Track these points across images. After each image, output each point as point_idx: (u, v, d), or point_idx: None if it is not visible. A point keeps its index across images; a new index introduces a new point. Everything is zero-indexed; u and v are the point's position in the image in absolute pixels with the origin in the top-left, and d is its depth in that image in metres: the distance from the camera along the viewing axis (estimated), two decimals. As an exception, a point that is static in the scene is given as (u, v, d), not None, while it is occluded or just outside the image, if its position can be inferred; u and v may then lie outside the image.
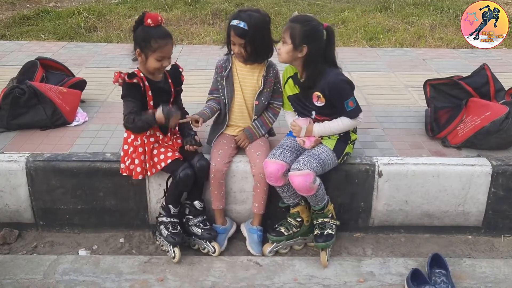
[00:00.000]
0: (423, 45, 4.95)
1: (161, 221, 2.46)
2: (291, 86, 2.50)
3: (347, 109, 2.37)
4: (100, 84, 3.56)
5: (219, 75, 2.58)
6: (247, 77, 2.56)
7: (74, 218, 2.66)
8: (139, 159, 2.41)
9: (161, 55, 2.28)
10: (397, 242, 2.69)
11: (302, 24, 2.28)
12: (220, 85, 2.58)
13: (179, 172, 2.35)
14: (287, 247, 2.57)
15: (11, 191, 2.57)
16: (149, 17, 2.24)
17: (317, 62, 2.33)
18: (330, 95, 2.36)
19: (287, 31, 2.29)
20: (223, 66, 2.57)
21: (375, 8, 6.20)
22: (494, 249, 2.66)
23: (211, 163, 2.48)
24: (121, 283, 2.30)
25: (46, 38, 5.05)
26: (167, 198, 2.46)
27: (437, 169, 2.56)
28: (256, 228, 2.56)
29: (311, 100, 2.42)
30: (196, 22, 5.69)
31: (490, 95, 2.96)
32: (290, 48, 2.30)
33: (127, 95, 2.33)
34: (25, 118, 2.87)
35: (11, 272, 2.34)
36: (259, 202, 2.53)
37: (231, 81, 2.55)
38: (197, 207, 2.49)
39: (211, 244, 2.48)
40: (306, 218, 2.51)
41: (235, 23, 2.37)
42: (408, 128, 3.02)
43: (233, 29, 2.39)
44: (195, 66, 4.15)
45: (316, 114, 2.46)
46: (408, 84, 3.74)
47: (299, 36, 2.27)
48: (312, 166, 2.32)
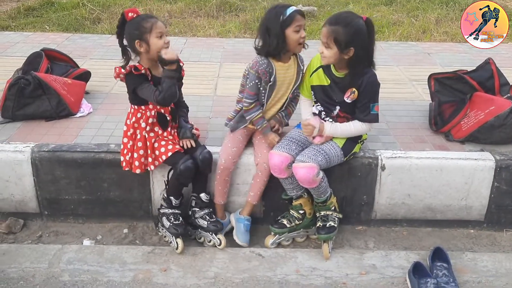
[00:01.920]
0: (428, 39, 4.92)
1: (163, 212, 2.47)
2: (320, 76, 2.42)
3: (371, 111, 2.36)
4: (104, 76, 3.57)
5: (263, 81, 2.43)
6: (286, 74, 2.48)
7: (78, 208, 2.68)
8: (138, 153, 2.41)
9: (158, 31, 2.28)
10: (399, 236, 2.70)
11: (344, 27, 2.19)
12: (263, 89, 2.46)
13: (179, 165, 2.34)
14: (289, 239, 2.58)
15: (16, 181, 2.59)
16: (129, 11, 2.30)
17: (363, 61, 2.29)
18: (363, 93, 2.33)
19: (330, 35, 2.21)
20: (267, 72, 2.42)
21: (380, 2, 6.17)
22: (496, 244, 2.66)
23: (221, 160, 2.46)
24: (125, 272, 2.32)
25: (50, 30, 5.05)
26: (168, 190, 2.47)
27: (440, 163, 2.56)
28: (244, 217, 2.55)
29: (340, 95, 2.38)
30: (200, 15, 5.68)
31: (494, 90, 2.95)
32: (336, 52, 2.24)
33: (137, 84, 2.32)
34: (30, 108, 2.89)
35: (17, 261, 2.37)
36: (255, 191, 2.52)
37: (274, 86, 2.48)
38: (204, 200, 2.50)
39: (217, 236, 2.49)
40: (309, 210, 2.52)
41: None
42: (412, 122, 3.02)
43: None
44: (199, 58, 4.15)
45: (339, 110, 2.42)
46: (413, 78, 3.73)
47: (344, 40, 2.19)
48: (317, 160, 2.33)
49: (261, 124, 2.50)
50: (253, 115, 2.48)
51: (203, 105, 3.20)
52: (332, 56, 2.26)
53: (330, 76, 2.40)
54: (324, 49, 2.27)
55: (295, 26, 2.33)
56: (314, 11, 5.66)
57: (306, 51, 2.47)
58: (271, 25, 2.34)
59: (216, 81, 3.66)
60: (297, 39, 2.35)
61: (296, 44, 2.37)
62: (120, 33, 2.35)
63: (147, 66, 2.37)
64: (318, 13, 5.68)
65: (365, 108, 2.36)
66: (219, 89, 3.51)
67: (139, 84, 2.33)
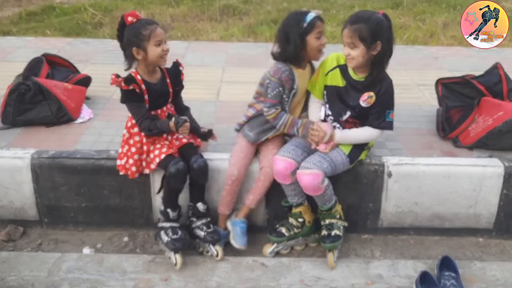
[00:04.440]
0: (435, 43, 4.89)
1: (161, 226, 2.40)
2: (336, 76, 2.36)
3: (386, 118, 2.32)
4: (105, 81, 3.47)
5: (285, 88, 2.37)
6: (304, 80, 2.44)
7: (78, 216, 2.64)
8: (133, 158, 2.37)
9: (157, 39, 2.25)
10: (406, 244, 2.65)
11: (366, 23, 2.16)
12: (286, 97, 2.39)
13: (169, 167, 2.27)
14: (288, 248, 2.53)
15: (16, 188, 2.55)
16: (129, 15, 2.26)
17: (390, 55, 2.24)
18: (381, 98, 2.29)
19: (354, 34, 2.16)
20: (289, 78, 2.35)
21: (386, 5, 6.13)
22: (506, 252, 2.61)
23: (233, 171, 2.40)
24: (125, 282, 2.28)
25: (52, 34, 5.05)
26: (163, 201, 2.40)
27: (448, 170, 2.50)
28: (239, 220, 2.47)
29: (355, 98, 2.32)
30: (203, 19, 5.66)
31: (503, 95, 2.91)
32: (364, 50, 2.19)
33: (128, 100, 2.31)
34: (31, 114, 2.86)
35: (16, 269, 2.34)
36: (255, 196, 2.46)
37: (296, 93, 2.42)
38: (200, 209, 2.44)
39: (214, 247, 2.43)
40: (308, 219, 2.47)
41: None
42: (419, 128, 2.97)
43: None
44: (202, 63, 4.12)
45: (349, 116, 2.37)
46: (420, 83, 3.68)
47: (370, 34, 2.15)
48: (323, 167, 2.28)
49: (297, 125, 2.39)
50: (284, 120, 2.38)
51: (206, 110, 3.16)
52: (359, 55, 2.20)
53: (346, 78, 2.34)
54: (350, 50, 2.21)
55: (316, 33, 2.31)
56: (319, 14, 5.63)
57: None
58: (291, 32, 2.30)
59: (219, 86, 3.62)
60: (318, 46, 2.33)
61: (316, 51, 2.34)
62: (121, 37, 2.31)
63: (144, 72, 2.33)
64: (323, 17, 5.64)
65: (380, 114, 2.32)
66: (222, 94, 3.47)
67: (129, 100, 2.31)
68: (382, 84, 2.28)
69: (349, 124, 2.40)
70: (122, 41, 2.32)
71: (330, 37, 4.96)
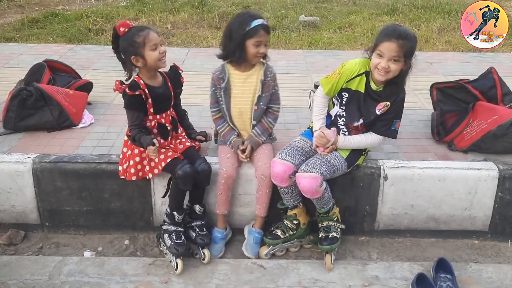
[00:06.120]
0: (430, 49, 4.93)
1: (165, 229, 2.43)
2: (361, 82, 2.38)
3: (392, 126, 2.39)
4: (106, 86, 3.58)
5: (217, 88, 2.52)
6: (245, 83, 2.50)
7: (79, 219, 2.67)
8: (134, 160, 2.40)
9: (152, 44, 2.29)
10: (403, 246, 2.67)
11: (409, 40, 2.20)
12: (219, 97, 2.53)
13: (177, 170, 2.32)
14: (283, 250, 2.56)
15: (17, 192, 2.58)
16: (120, 25, 2.31)
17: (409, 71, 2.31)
18: (393, 108, 2.36)
19: (401, 49, 2.18)
20: (220, 78, 2.49)
21: (382, 12, 6.19)
22: (501, 254, 2.63)
23: (222, 169, 2.46)
24: (126, 284, 2.31)
25: (54, 41, 5.09)
26: (170, 203, 2.44)
27: (443, 173, 2.54)
28: (255, 230, 2.53)
29: (370, 107, 2.37)
30: (203, 25, 5.71)
31: (497, 99, 2.93)
32: (402, 65, 2.24)
33: (129, 106, 2.36)
34: (32, 119, 2.90)
35: (17, 273, 2.36)
36: (261, 204, 2.51)
37: (229, 92, 2.51)
38: (197, 211, 2.48)
39: (202, 250, 2.45)
40: (303, 221, 2.50)
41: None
42: (414, 132, 3.01)
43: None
44: (201, 68, 4.16)
45: (361, 124, 2.41)
46: (415, 88, 3.72)
47: (410, 51, 2.22)
48: (321, 170, 2.31)
49: (229, 139, 2.54)
50: (222, 127, 2.57)
51: (206, 115, 3.18)
52: (398, 69, 2.25)
53: (366, 86, 2.38)
54: (392, 63, 2.23)
55: (255, 41, 2.35)
56: (316, 21, 5.68)
57: (345, 53, 2.41)
58: (234, 32, 2.36)
59: (218, 91, 3.65)
60: (254, 53, 2.38)
61: (253, 57, 2.39)
62: (116, 48, 2.36)
63: (146, 77, 2.38)
64: (320, 23, 5.70)
65: (388, 122, 2.38)
66: (221, 99, 3.50)
67: (130, 106, 2.35)
68: (399, 95, 2.35)
69: (355, 131, 2.44)
70: (118, 52, 2.36)
71: (327, 43, 5.01)
